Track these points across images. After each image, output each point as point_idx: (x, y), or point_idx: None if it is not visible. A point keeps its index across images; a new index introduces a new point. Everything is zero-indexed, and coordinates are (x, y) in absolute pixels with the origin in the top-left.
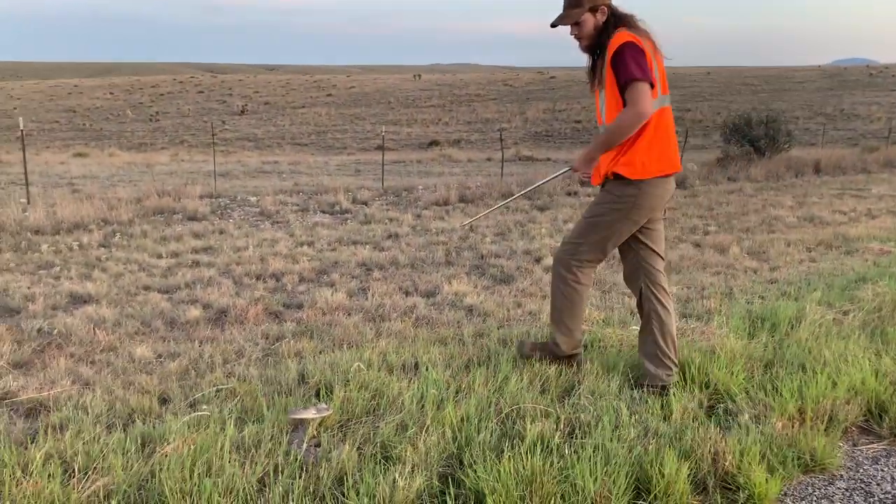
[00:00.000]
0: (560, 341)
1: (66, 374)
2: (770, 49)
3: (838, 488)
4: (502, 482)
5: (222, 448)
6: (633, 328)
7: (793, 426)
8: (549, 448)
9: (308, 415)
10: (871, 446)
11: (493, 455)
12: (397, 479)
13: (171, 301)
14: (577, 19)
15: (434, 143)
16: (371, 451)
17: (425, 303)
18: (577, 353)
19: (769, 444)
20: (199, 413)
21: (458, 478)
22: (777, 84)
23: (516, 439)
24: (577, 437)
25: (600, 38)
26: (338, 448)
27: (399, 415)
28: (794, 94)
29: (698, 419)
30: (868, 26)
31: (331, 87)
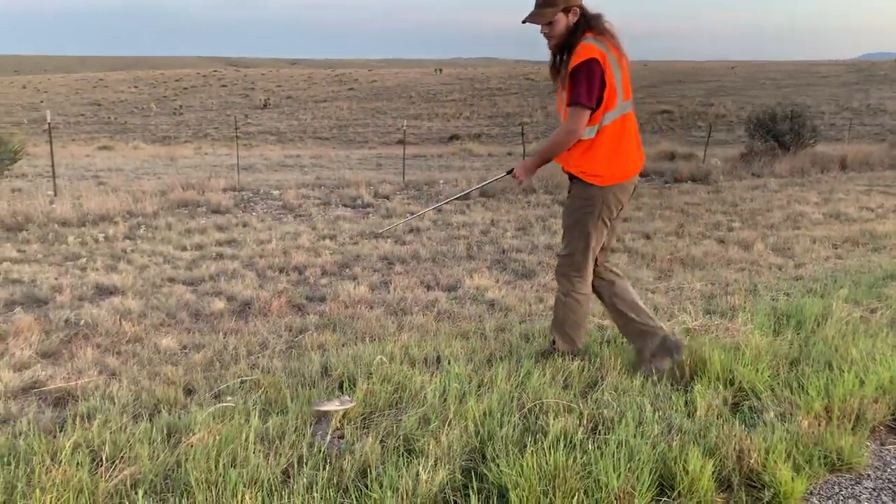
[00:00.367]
0: (561, 346)
1: (92, 365)
2: (795, 43)
3: (865, 488)
4: (525, 477)
5: (247, 439)
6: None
7: (819, 425)
8: (571, 443)
9: (331, 407)
10: None
11: (515, 450)
12: (420, 472)
13: (196, 293)
14: (550, 19)
15: (455, 138)
16: (394, 444)
17: (447, 297)
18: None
19: (795, 442)
20: (224, 404)
21: (481, 472)
22: (802, 79)
23: (539, 434)
24: (600, 433)
25: (570, 39)
26: (361, 440)
27: (422, 408)
28: (819, 89)
29: (723, 416)
30: None
31: (352, 81)
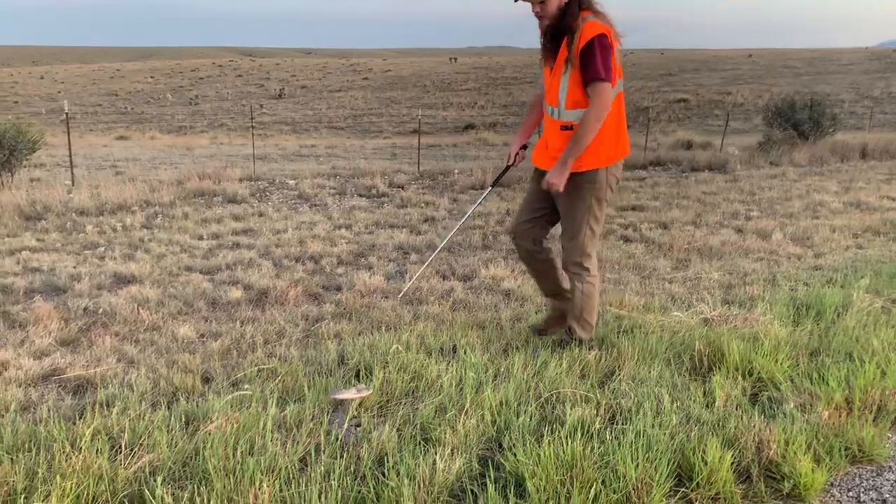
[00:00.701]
0: (581, 335)
1: (111, 353)
2: (814, 31)
3: (887, 479)
4: (542, 466)
5: (264, 427)
6: (675, 314)
7: (840, 416)
8: (589, 433)
9: (348, 395)
10: None
11: (532, 439)
12: (437, 460)
13: (213, 282)
14: None
15: (470, 127)
16: (411, 433)
17: (462, 286)
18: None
19: (815, 433)
20: (242, 392)
21: (498, 461)
22: (821, 66)
23: (556, 424)
24: (617, 423)
25: (562, 19)
26: (378, 429)
27: (438, 397)
28: (839, 77)
29: (742, 407)
30: None
31: (367, 70)
